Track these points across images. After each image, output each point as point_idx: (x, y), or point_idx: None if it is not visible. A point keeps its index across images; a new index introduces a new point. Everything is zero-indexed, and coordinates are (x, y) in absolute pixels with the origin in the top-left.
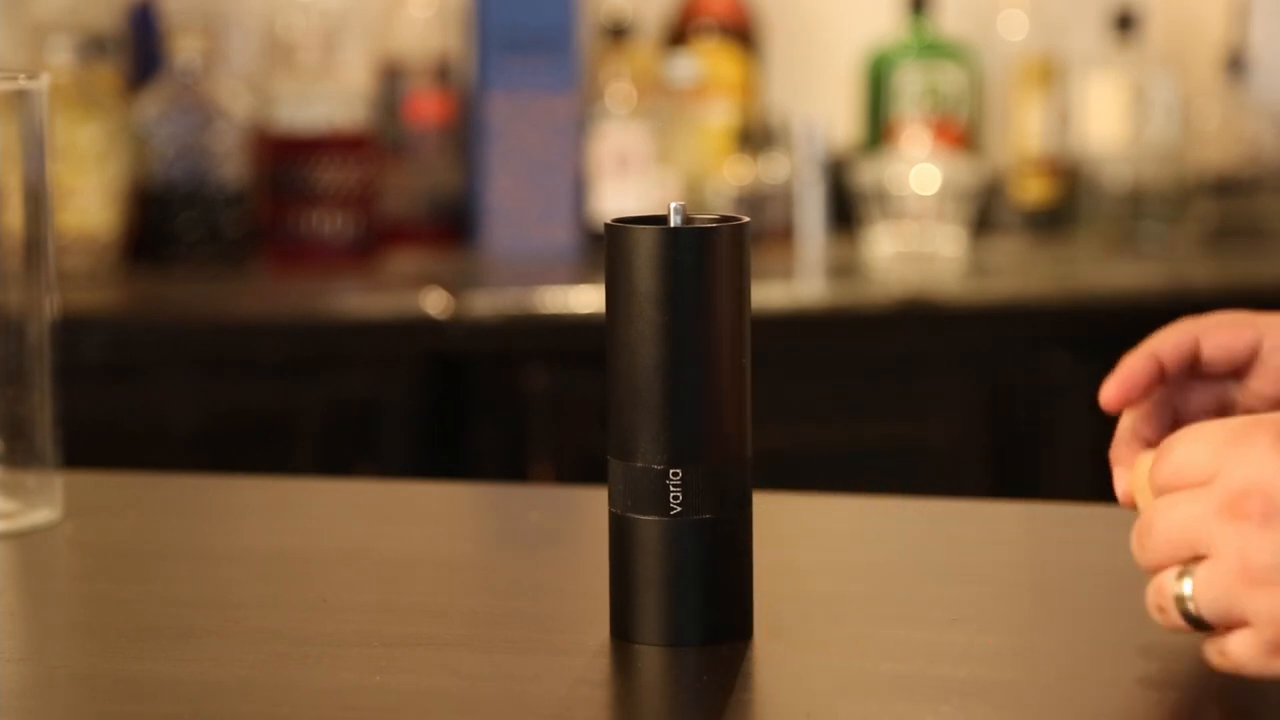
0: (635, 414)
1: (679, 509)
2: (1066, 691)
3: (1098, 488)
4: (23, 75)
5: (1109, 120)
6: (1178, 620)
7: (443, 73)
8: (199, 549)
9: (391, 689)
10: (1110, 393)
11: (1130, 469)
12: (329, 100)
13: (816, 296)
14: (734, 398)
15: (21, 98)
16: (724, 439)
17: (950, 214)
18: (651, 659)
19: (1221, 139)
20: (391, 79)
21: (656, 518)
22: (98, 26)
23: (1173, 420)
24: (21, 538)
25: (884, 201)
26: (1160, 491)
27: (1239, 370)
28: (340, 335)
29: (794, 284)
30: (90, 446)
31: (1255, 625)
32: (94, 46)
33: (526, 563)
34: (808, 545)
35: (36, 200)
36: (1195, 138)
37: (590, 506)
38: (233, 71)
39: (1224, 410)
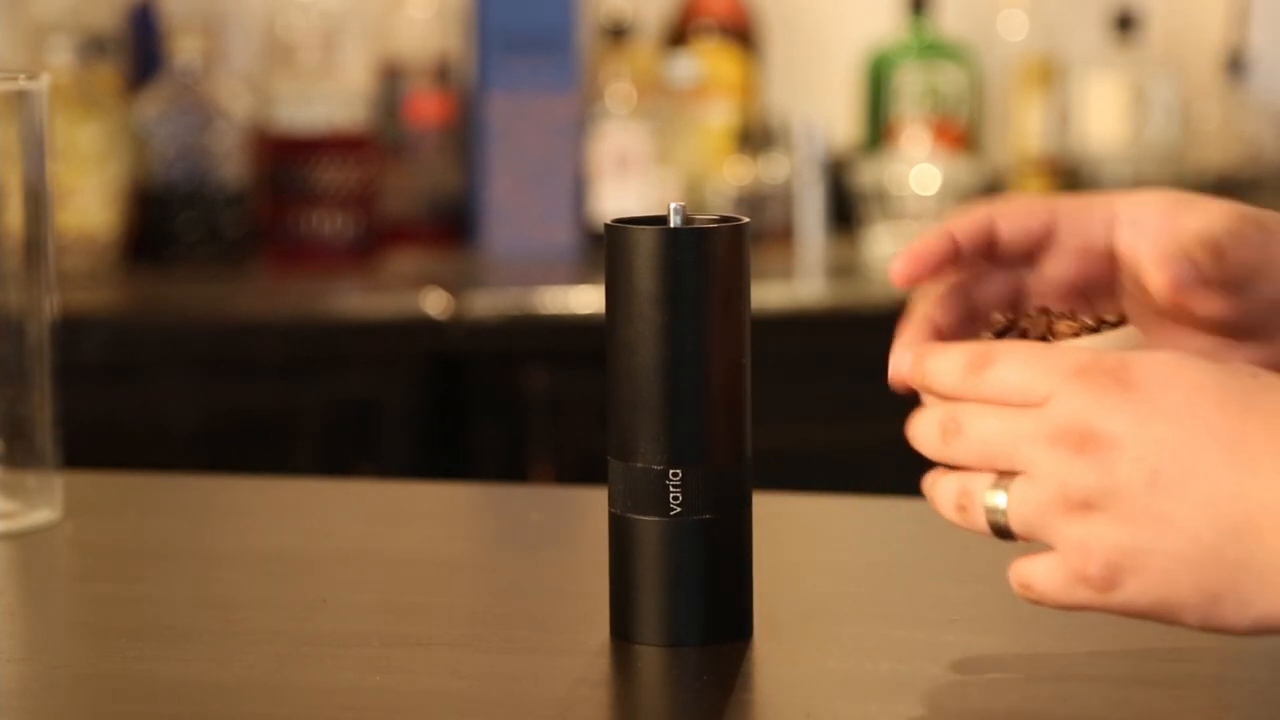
0: (635, 414)
1: (679, 509)
2: (1067, 691)
3: None
4: (23, 75)
5: (1109, 120)
6: (979, 523)
7: (443, 73)
8: (199, 549)
9: (391, 689)
10: (900, 267)
11: (913, 351)
12: (329, 100)
13: (816, 296)
14: (734, 398)
15: (21, 98)
16: (724, 439)
17: (950, 214)
18: (651, 659)
19: (1221, 139)
20: (391, 79)
21: (656, 518)
22: (98, 26)
23: (967, 309)
24: (21, 538)
25: (884, 202)
26: (981, 399)
27: (1034, 254)
28: (340, 335)
29: (794, 284)
30: (90, 446)
31: (1062, 552)
32: (94, 46)
33: (526, 563)
34: (808, 545)
35: (36, 200)
36: (1195, 138)
37: (590, 506)
38: (233, 71)
39: (1018, 299)
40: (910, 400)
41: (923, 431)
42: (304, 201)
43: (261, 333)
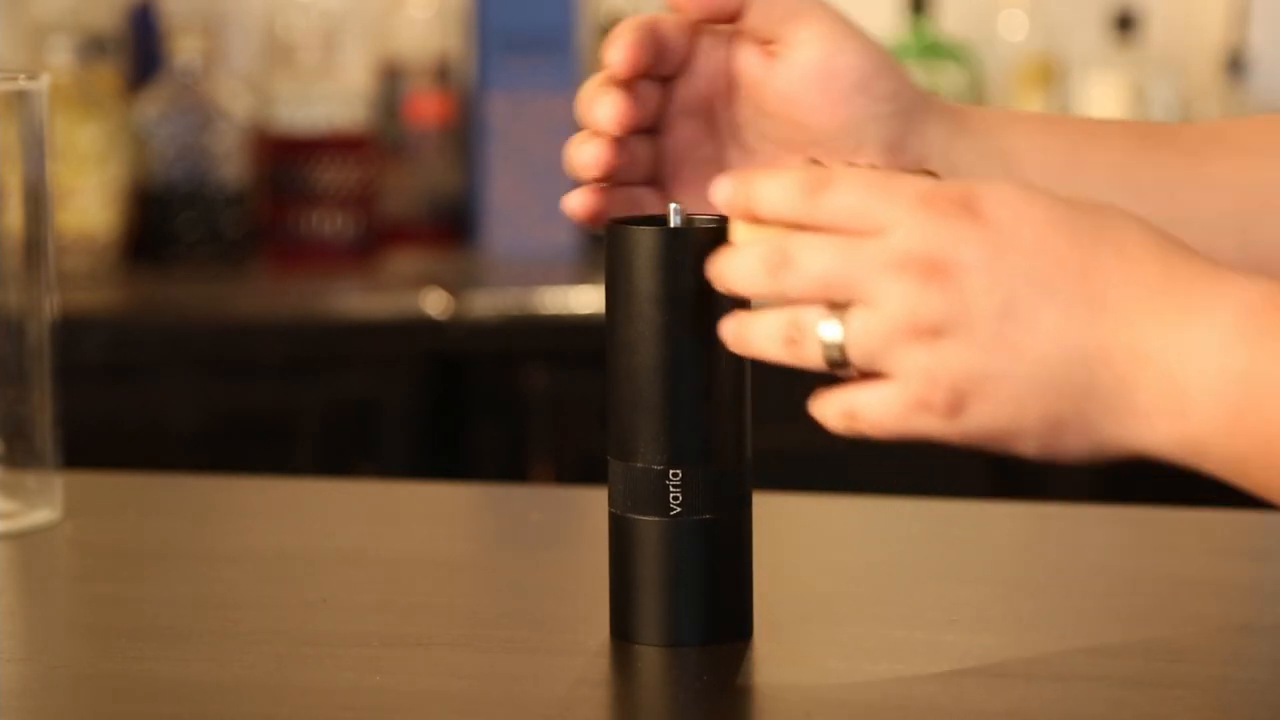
0: (635, 414)
1: (678, 509)
2: (1066, 691)
3: (1098, 488)
4: (23, 75)
5: None
6: (811, 357)
7: (443, 73)
8: (199, 549)
9: (391, 689)
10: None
11: (735, 176)
12: (329, 100)
13: None
14: (734, 398)
15: (21, 98)
16: (724, 439)
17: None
18: (651, 659)
19: None
20: (391, 79)
21: (656, 518)
22: (98, 26)
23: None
24: (21, 538)
25: None
26: (816, 227)
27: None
28: (340, 335)
29: None
30: (90, 446)
31: (902, 380)
32: (94, 46)
33: (526, 563)
34: (808, 545)
35: (36, 200)
36: None
37: (590, 506)
38: (233, 71)
39: (731, 83)
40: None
41: (743, 267)
42: (304, 201)
43: (261, 333)
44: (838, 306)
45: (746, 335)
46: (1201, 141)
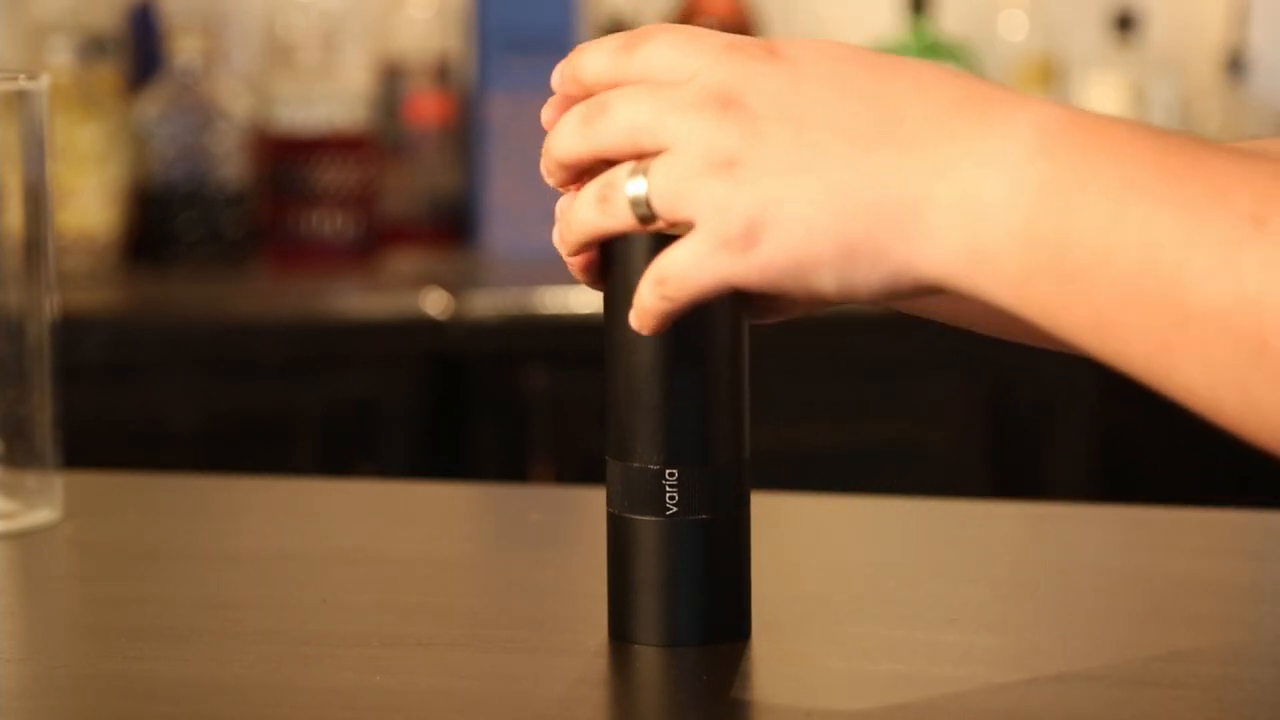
0: (632, 414)
1: (675, 509)
2: (1066, 692)
3: (1098, 488)
4: (23, 75)
5: None
6: (620, 212)
7: (443, 73)
8: (199, 549)
9: (391, 689)
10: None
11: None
12: (329, 100)
13: None
14: (731, 398)
15: (21, 98)
16: (721, 439)
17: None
18: (651, 659)
19: (1221, 139)
20: (391, 79)
21: (653, 518)
22: (98, 26)
23: None
24: (21, 538)
25: None
26: (632, 81)
27: None
28: (340, 335)
29: None
30: (90, 446)
31: (703, 221)
32: (94, 46)
33: (526, 563)
34: (808, 545)
35: (36, 200)
36: None
37: (590, 506)
38: (233, 71)
39: None
40: (911, 400)
41: (564, 125)
42: (304, 201)
43: (261, 333)
44: (647, 160)
45: (568, 218)
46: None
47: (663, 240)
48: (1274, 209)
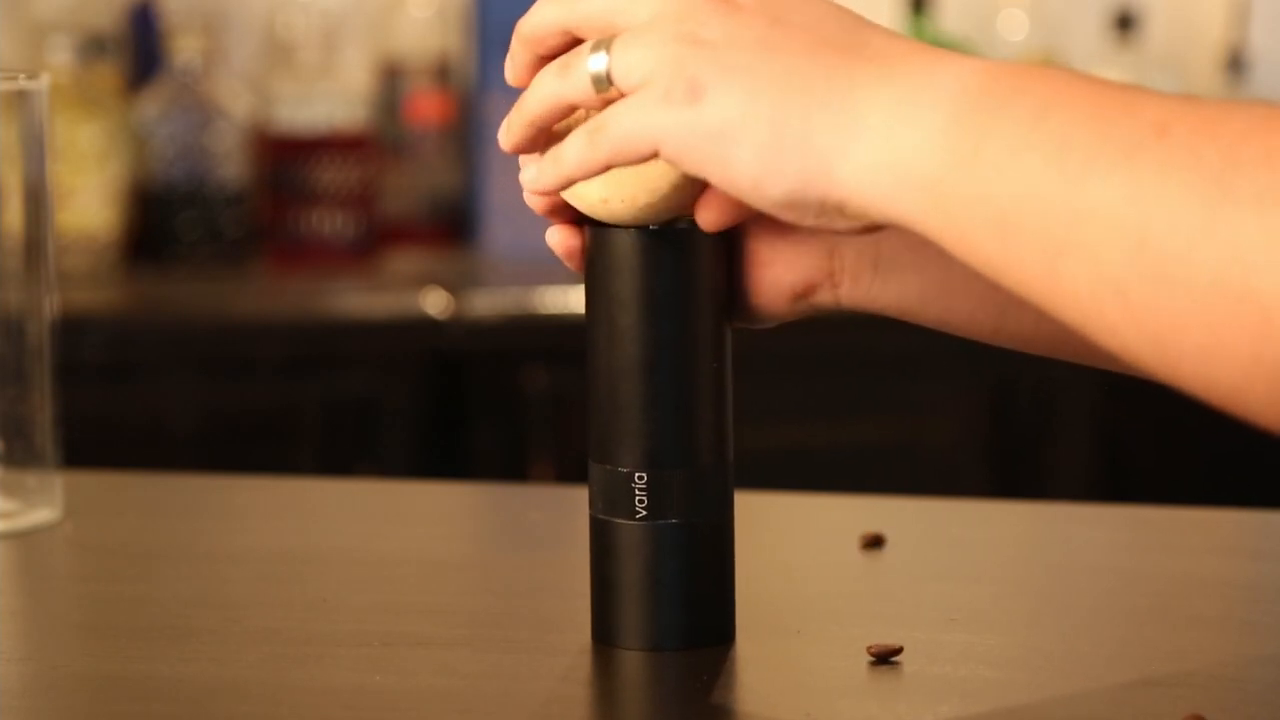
0: (610, 416)
1: (644, 513)
2: (1066, 691)
3: (1098, 488)
4: (23, 75)
5: None
6: (580, 79)
7: (443, 73)
8: (199, 549)
9: (391, 689)
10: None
11: None
12: (329, 100)
13: None
14: (711, 400)
15: (21, 98)
16: (699, 442)
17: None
18: (649, 660)
19: None
20: (391, 79)
21: (629, 521)
22: (98, 26)
23: None
24: (21, 538)
25: None
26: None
27: None
28: (340, 335)
29: None
30: (90, 446)
31: (654, 79)
32: (94, 46)
33: (526, 563)
34: (806, 545)
35: (36, 200)
36: None
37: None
38: (233, 71)
39: None
40: (911, 400)
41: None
42: (304, 201)
43: (261, 333)
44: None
45: (530, 89)
46: None
47: (648, 238)
48: (1180, 121)
